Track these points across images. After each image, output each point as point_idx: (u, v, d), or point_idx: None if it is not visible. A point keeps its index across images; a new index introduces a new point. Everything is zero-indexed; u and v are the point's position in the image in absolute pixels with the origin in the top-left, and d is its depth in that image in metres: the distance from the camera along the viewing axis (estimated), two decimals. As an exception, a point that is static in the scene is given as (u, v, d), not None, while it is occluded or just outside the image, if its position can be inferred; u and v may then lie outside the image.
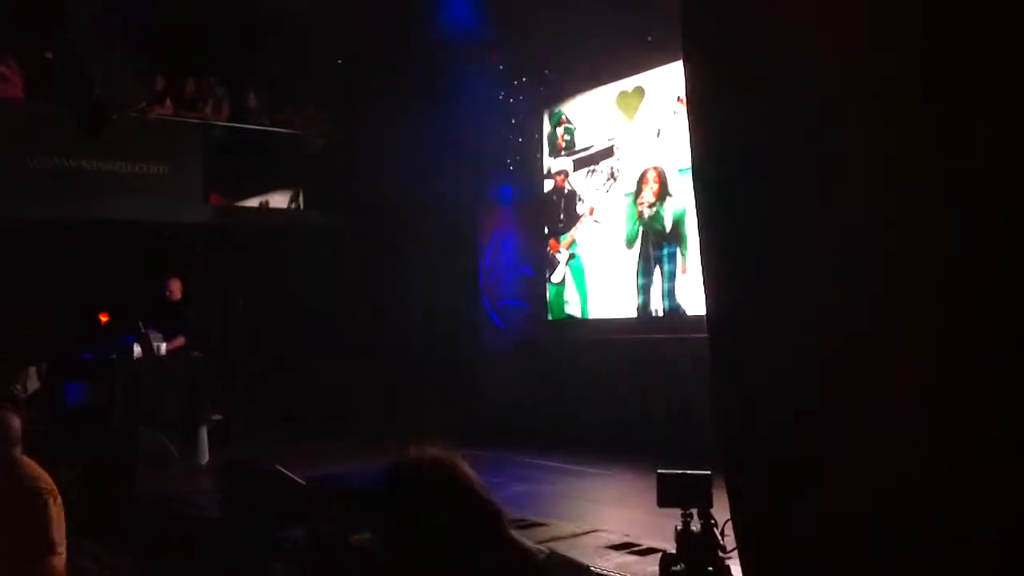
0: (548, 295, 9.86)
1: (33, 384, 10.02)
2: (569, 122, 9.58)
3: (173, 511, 6.70)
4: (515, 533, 1.88)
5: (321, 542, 5.22)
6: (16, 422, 3.74)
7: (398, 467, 1.87)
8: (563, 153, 9.65)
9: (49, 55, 10.11)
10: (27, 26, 9.62)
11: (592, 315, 9.33)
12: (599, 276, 9.19)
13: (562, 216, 9.44)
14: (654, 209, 8.51)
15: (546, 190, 9.63)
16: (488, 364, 11.19)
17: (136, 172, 10.45)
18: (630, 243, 8.57)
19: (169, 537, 6.51)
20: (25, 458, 3.79)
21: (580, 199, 9.28)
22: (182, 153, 10.87)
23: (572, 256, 9.51)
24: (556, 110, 10.11)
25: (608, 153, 9.09)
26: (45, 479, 3.72)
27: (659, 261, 8.49)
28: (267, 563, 4.97)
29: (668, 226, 8.43)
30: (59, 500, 3.72)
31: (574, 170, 9.45)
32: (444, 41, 10.41)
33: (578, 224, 9.39)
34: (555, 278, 9.69)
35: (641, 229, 8.61)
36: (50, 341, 10.81)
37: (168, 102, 10.82)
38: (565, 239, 9.56)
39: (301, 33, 10.53)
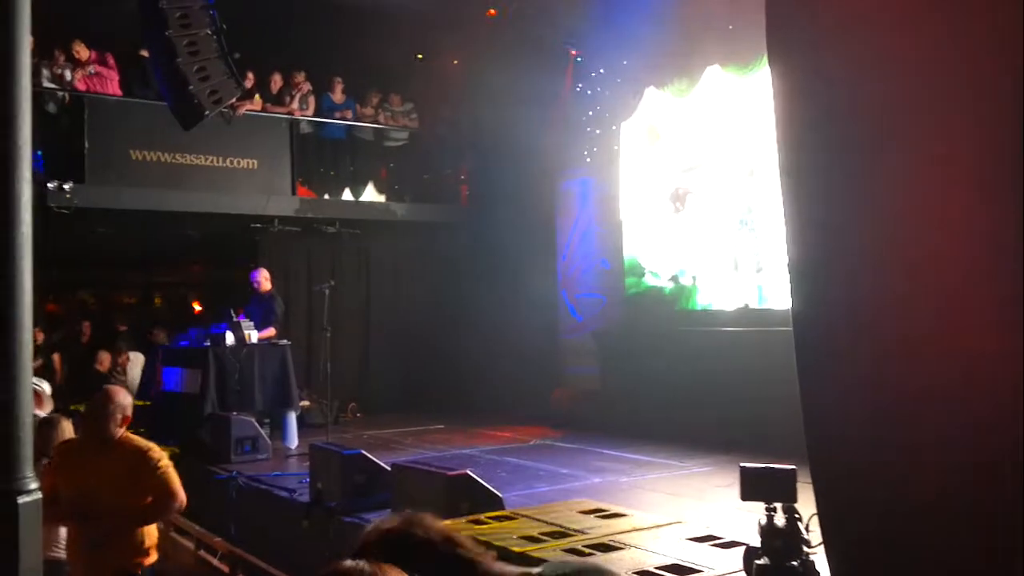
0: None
1: (134, 370, 10.47)
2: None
3: (264, 494, 6.94)
4: (500, 565, 1.85)
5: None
6: (130, 399, 4.07)
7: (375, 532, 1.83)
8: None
9: (144, 53, 10.48)
10: (123, 25, 9.99)
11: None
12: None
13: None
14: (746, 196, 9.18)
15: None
16: (567, 356, 11.27)
17: (228, 166, 10.78)
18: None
19: (260, 518, 6.76)
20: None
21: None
22: (271, 147, 11.16)
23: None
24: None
25: (700, 163, 9.79)
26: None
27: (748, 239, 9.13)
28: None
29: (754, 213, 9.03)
30: None
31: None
32: (522, 35, 10.49)
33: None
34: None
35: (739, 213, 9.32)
36: (149, 329, 11.27)
37: (257, 97, 11.09)
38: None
39: (387, 27, 10.68)
